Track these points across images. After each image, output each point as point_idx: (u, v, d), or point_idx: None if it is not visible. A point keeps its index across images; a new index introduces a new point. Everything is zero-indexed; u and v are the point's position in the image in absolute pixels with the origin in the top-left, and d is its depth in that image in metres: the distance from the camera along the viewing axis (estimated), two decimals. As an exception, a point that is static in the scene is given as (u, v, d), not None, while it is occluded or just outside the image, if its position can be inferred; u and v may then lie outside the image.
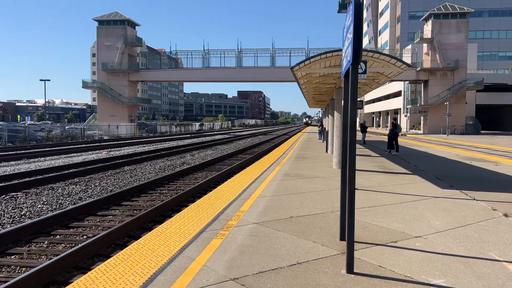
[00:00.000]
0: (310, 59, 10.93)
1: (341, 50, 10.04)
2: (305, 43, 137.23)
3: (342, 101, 9.07)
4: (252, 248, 4.84)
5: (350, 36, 4.10)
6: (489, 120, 70.80)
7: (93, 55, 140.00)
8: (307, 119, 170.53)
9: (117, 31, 60.34)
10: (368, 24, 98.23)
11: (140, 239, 5.16)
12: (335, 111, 12.87)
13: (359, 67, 4.94)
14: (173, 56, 63.34)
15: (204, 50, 59.26)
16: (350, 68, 4.00)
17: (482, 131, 59.14)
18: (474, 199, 8.11)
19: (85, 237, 6.69)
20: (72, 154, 22.54)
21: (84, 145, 29.83)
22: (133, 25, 63.14)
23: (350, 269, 4.12)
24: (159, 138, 41.43)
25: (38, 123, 56.89)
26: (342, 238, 5.22)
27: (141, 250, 4.71)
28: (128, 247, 4.83)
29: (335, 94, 14.01)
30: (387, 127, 73.33)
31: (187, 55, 60.44)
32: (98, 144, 31.69)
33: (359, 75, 4.89)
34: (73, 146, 28.61)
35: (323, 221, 6.20)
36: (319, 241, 5.15)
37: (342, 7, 12.20)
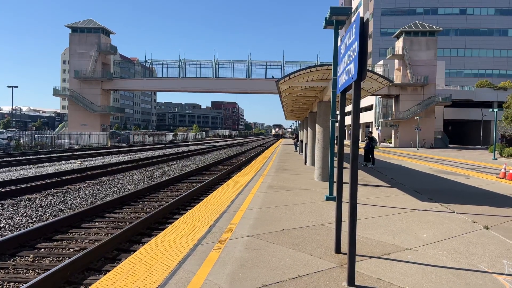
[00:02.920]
0: (295, 73, 11.11)
1: (326, 65, 10.28)
2: (281, 56, 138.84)
3: (331, 114, 9.25)
4: (251, 261, 4.84)
5: (352, 53, 4.23)
6: (456, 135, 73.52)
7: (64, 62, 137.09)
8: (277, 129, 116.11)
9: (91, 39, 59.31)
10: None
11: (136, 252, 5.07)
12: (317, 124, 13.07)
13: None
14: (147, 65, 62.73)
15: (180, 60, 59.02)
16: (353, 84, 4.12)
17: (450, 145, 61.28)
18: (454, 212, 8.39)
19: (71, 250, 6.49)
20: (45, 164, 21.84)
21: (55, 155, 28.97)
22: (107, 33, 62.25)
23: (351, 282, 4.19)
24: (133, 148, 40.73)
25: (4, 131, 54.91)
26: (337, 251, 5.30)
27: (139, 264, 4.63)
28: (125, 261, 4.74)
29: (316, 107, 14.24)
30: (359, 140, 74.82)
31: (163, 64, 59.98)
32: (70, 153, 30.85)
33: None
34: (44, 156, 27.72)
35: (315, 233, 6.27)
36: (315, 254, 5.20)
37: (329, 24, 12.30)
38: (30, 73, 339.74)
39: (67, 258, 6.04)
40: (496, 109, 30.96)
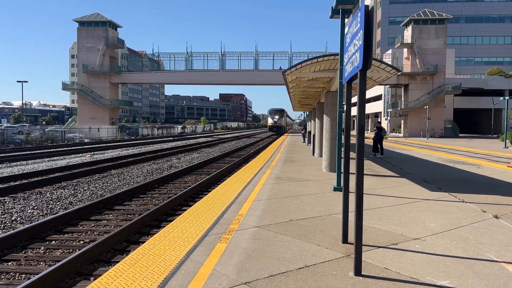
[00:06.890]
0: (301, 63, 11.04)
1: (333, 55, 10.20)
2: (288, 46, 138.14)
3: (338, 105, 9.19)
4: (258, 251, 4.87)
5: (358, 42, 4.18)
6: (467, 124, 72.70)
7: (72, 56, 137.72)
8: (276, 117, 69.51)
9: (98, 33, 59.50)
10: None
11: (144, 244, 5.13)
12: (324, 115, 13.01)
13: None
14: (155, 58, 62.82)
15: (187, 52, 59.01)
16: (359, 74, 4.08)
17: (460, 134, 60.69)
18: (463, 201, 8.32)
19: (81, 242, 6.59)
20: (55, 158, 22.09)
21: (65, 148, 29.27)
22: (114, 26, 62.37)
23: (358, 271, 4.19)
24: (141, 141, 40.98)
25: (15, 125, 55.62)
26: (344, 241, 5.30)
27: (147, 255, 4.68)
28: (134, 252, 4.79)
29: (323, 98, 14.16)
30: (368, 130, 74.42)
31: (170, 57, 60.09)
32: (80, 147, 31.15)
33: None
34: (54, 150, 28.02)
35: (323, 224, 6.28)
36: (322, 244, 5.21)
37: (335, 13, 12.15)
38: (40, 68, 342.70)
39: (77, 250, 6.13)
40: (507, 97, 30.53)
